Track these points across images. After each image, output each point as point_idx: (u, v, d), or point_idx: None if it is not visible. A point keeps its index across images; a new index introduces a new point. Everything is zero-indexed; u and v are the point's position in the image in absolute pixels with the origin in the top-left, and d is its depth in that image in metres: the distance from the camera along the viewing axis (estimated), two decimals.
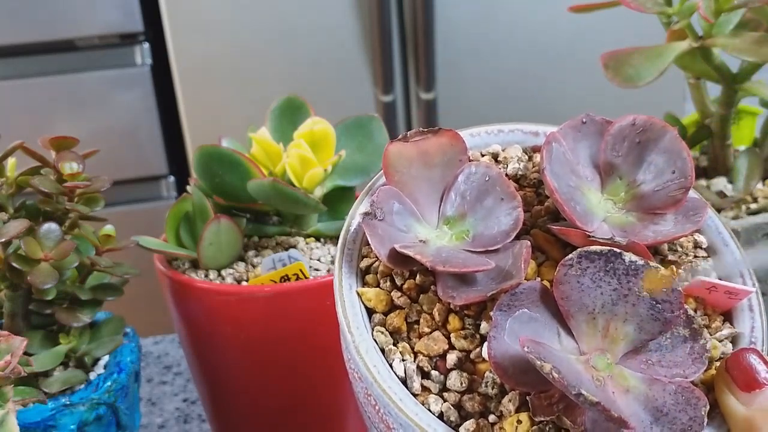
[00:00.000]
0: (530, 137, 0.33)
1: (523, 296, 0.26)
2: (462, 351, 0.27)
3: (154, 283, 0.47)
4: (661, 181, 0.29)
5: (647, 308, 0.25)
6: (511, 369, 0.25)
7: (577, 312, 0.26)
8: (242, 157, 0.45)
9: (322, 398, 0.46)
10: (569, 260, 0.26)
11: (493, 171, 0.30)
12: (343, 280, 0.29)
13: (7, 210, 0.41)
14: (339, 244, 0.30)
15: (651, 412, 0.24)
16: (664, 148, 0.29)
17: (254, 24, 1.15)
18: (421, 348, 0.27)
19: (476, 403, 0.26)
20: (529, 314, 0.26)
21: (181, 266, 0.46)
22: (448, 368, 0.27)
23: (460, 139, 0.30)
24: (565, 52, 1.23)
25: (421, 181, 0.30)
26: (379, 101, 1.20)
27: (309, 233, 0.48)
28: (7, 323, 0.42)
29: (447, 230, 0.29)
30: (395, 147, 0.30)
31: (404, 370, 0.27)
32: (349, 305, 0.28)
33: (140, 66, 1.20)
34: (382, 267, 0.29)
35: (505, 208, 0.29)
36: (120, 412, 0.41)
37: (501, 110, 1.25)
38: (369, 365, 0.26)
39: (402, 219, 0.29)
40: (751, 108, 0.52)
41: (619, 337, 0.26)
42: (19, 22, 1.13)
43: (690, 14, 0.42)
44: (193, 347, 0.46)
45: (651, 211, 0.29)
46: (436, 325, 0.27)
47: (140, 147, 1.23)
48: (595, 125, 0.30)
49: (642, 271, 0.25)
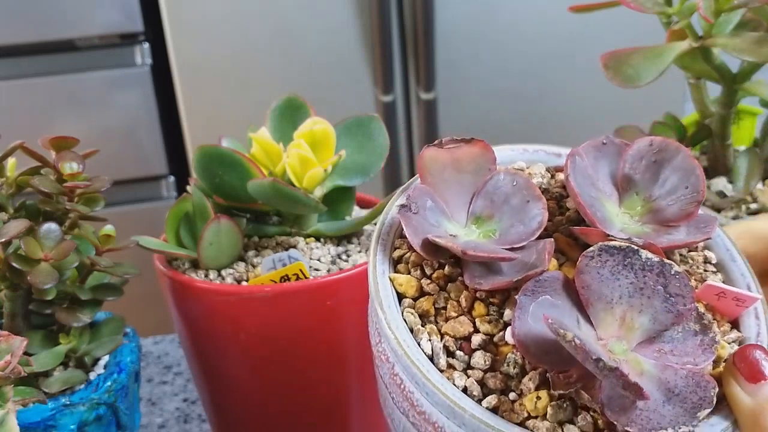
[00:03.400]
0: (553, 158, 0.36)
1: (546, 284, 0.28)
2: (486, 334, 0.28)
3: (154, 283, 0.47)
4: (675, 196, 0.31)
5: (661, 301, 0.28)
6: (533, 347, 0.26)
7: (596, 301, 0.27)
8: (242, 157, 0.45)
9: (323, 398, 0.46)
10: (591, 252, 0.28)
11: (520, 177, 0.32)
12: (377, 265, 0.30)
13: (7, 210, 0.42)
14: (375, 234, 0.32)
15: (664, 393, 0.26)
16: (678, 166, 0.32)
17: (254, 24, 1.15)
18: (448, 330, 0.29)
19: (498, 381, 0.27)
20: (551, 300, 0.27)
21: (181, 266, 0.47)
22: (473, 348, 0.28)
23: (489, 149, 0.33)
24: (566, 52, 1.23)
25: (453, 184, 0.32)
26: (379, 101, 1.20)
27: (309, 233, 0.48)
28: (7, 323, 0.42)
29: (475, 228, 0.31)
30: (430, 152, 0.32)
31: (431, 348, 0.28)
32: (382, 287, 0.30)
33: (140, 66, 1.20)
34: (413, 257, 0.31)
35: (531, 208, 0.31)
36: (120, 412, 0.41)
37: (501, 110, 1.25)
38: (399, 339, 0.28)
39: (434, 215, 0.31)
40: (751, 108, 0.52)
41: (634, 326, 0.27)
42: (20, 22, 1.13)
43: (690, 14, 0.42)
44: (193, 347, 0.46)
45: (665, 223, 0.31)
46: (462, 311, 0.29)
47: (140, 147, 1.23)
48: (614, 146, 0.33)
49: (657, 268, 0.28)
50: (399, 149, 1.25)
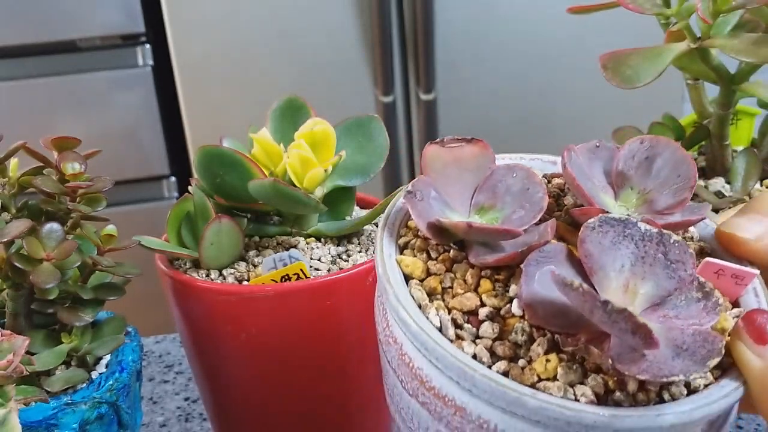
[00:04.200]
0: (549, 165, 0.37)
1: (550, 254, 0.29)
2: (493, 308, 0.29)
3: (155, 283, 0.47)
4: (668, 185, 0.33)
5: (663, 268, 0.29)
6: (540, 311, 0.27)
7: (599, 269, 0.28)
8: (243, 157, 0.45)
9: (323, 397, 0.46)
10: (591, 223, 0.29)
11: (520, 168, 0.33)
12: (384, 248, 0.31)
13: (10, 210, 0.42)
14: (381, 221, 0.33)
15: (672, 349, 0.26)
16: (668, 158, 0.33)
17: (255, 25, 1.16)
18: (455, 305, 0.29)
19: (506, 348, 0.28)
20: (555, 270, 0.28)
21: (182, 266, 0.47)
22: (480, 320, 0.29)
23: (489, 149, 0.34)
24: (565, 53, 1.23)
25: (455, 181, 0.33)
26: (379, 102, 1.20)
27: (309, 233, 0.48)
28: (9, 323, 0.42)
29: (477, 218, 0.32)
30: (432, 149, 0.33)
31: (440, 321, 0.29)
32: (390, 268, 0.30)
33: (142, 67, 1.20)
34: (419, 243, 0.32)
35: (532, 194, 0.32)
36: (122, 411, 0.41)
37: (500, 111, 1.26)
38: (408, 310, 0.28)
39: (438, 204, 0.32)
40: (750, 108, 0.52)
41: (638, 292, 0.28)
42: (21, 23, 1.14)
43: (688, 15, 0.42)
44: (195, 346, 0.47)
45: (660, 212, 0.32)
46: (469, 288, 0.30)
47: (142, 147, 1.24)
48: (606, 150, 0.34)
49: (657, 237, 0.29)
50: (399, 150, 1.25)
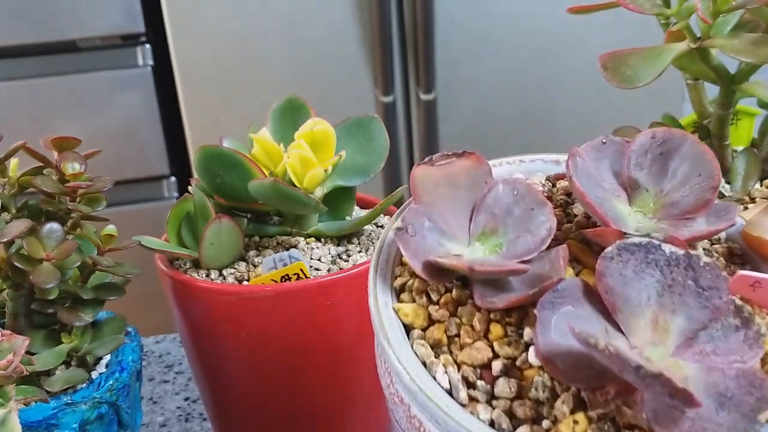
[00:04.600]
0: (552, 165, 0.34)
1: (565, 293, 0.25)
2: (507, 358, 0.26)
3: (155, 283, 0.47)
4: (689, 186, 0.29)
5: (694, 297, 0.25)
6: (561, 364, 0.24)
7: (623, 305, 0.25)
8: (243, 157, 0.45)
9: (323, 397, 0.46)
10: (609, 252, 0.25)
11: (520, 184, 0.30)
12: (379, 297, 0.28)
13: (10, 210, 0.42)
14: (372, 264, 0.30)
15: (714, 398, 0.23)
16: (686, 155, 0.30)
17: (255, 25, 1.16)
18: (465, 358, 0.26)
19: (528, 409, 0.25)
20: (573, 311, 0.25)
21: (182, 266, 0.47)
22: (494, 376, 0.26)
23: (484, 161, 0.31)
24: (565, 53, 1.23)
25: (449, 202, 0.30)
26: (379, 102, 1.20)
27: (309, 233, 0.48)
28: (9, 323, 0.42)
29: (479, 245, 0.29)
30: (421, 170, 0.30)
31: (449, 381, 0.26)
32: (387, 320, 0.27)
33: (142, 67, 1.20)
34: (417, 284, 0.29)
35: (537, 216, 0.29)
36: (122, 411, 0.41)
37: (500, 111, 1.26)
38: (412, 375, 0.25)
39: (433, 236, 0.29)
40: (749, 108, 0.52)
41: (669, 328, 0.25)
42: (21, 23, 1.14)
43: (688, 15, 0.42)
44: (195, 346, 0.47)
45: (682, 216, 0.29)
46: (478, 336, 0.27)
47: (142, 147, 1.24)
48: (614, 145, 0.31)
49: (684, 261, 0.25)
50: (399, 150, 1.25)
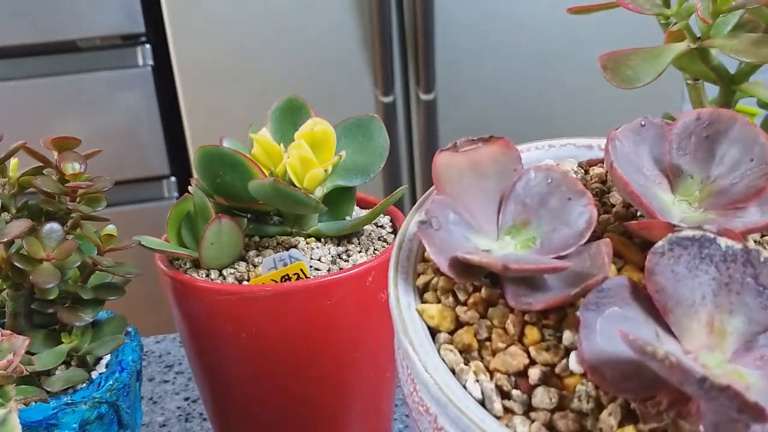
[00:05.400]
0: (584, 150, 0.32)
1: (611, 293, 0.23)
2: (545, 365, 0.24)
3: (155, 283, 0.47)
4: (739, 173, 0.27)
5: (754, 296, 0.23)
6: (609, 373, 0.22)
7: (675, 306, 0.23)
8: (243, 157, 0.45)
9: (323, 397, 0.46)
10: (660, 248, 0.23)
11: (555, 172, 0.27)
12: (401, 298, 0.26)
13: (10, 210, 0.42)
14: (391, 261, 0.27)
15: None
16: (736, 138, 0.27)
17: (255, 25, 1.16)
18: (498, 365, 0.24)
19: (570, 421, 0.22)
20: (621, 312, 0.23)
21: (182, 266, 0.47)
22: (532, 385, 0.23)
23: (513, 147, 0.28)
24: (565, 53, 1.23)
25: (475, 192, 0.28)
26: (379, 102, 1.20)
27: (309, 233, 0.48)
28: (9, 322, 0.42)
29: (510, 239, 0.27)
30: (444, 157, 0.28)
31: (481, 391, 0.23)
32: (410, 323, 0.25)
33: (142, 67, 1.20)
34: (442, 282, 0.26)
35: (575, 206, 0.26)
36: (122, 411, 0.41)
37: (501, 111, 1.26)
38: (441, 385, 0.23)
39: (459, 229, 0.26)
40: (749, 108, 0.52)
41: (726, 331, 0.23)
42: (22, 23, 1.14)
43: (688, 15, 0.42)
44: (195, 346, 0.47)
45: (731, 206, 0.26)
46: (512, 340, 0.24)
47: (142, 147, 1.24)
48: (654, 128, 0.29)
49: (742, 256, 0.23)
50: (399, 150, 1.25)
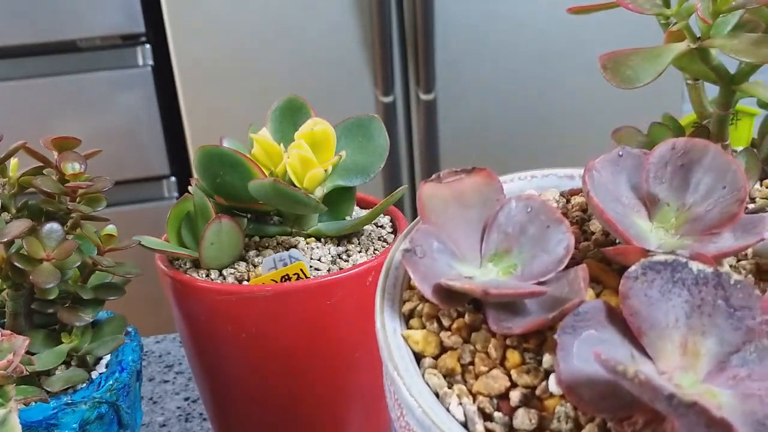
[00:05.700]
0: (566, 180, 0.33)
1: (588, 316, 0.24)
2: (526, 387, 0.25)
3: (155, 283, 0.47)
4: (713, 200, 0.28)
5: (726, 317, 0.23)
6: (586, 393, 0.22)
7: (649, 328, 0.24)
8: (243, 157, 0.45)
9: (323, 397, 0.46)
10: (633, 272, 0.24)
11: (535, 201, 0.28)
12: (387, 324, 0.27)
13: (10, 210, 0.42)
14: (378, 288, 0.28)
15: (752, 427, 0.21)
16: (709, 166, 0.28)
17: (255, 25, 1.16)
18: (480, 388, 0.25)
19: None
20: (597, 335, 0.23)
21: (182, 266, 0.47)
22: (513, 407, 0.24)
23: (495, 178, 0.29)
24: (565, 53, 1.23)
25: (459, 221, 0.29)
26: (379, 102, 1.20)
27: (309, 233, 0.48)
28: (9, 322, 0.42)
29: (492, 266, 0.28)
30: (428, 188, 0.29)
31: (464, 414, 0.24)
32: (395, 349, 0.26)
33: (142, 67, 1.20)
34: (427, 309, 0.27)
35: (553, 234, 0.27)
36: (122, 411, 0.41)
37: (500, 111, 1.26)
38: (425, 408, 0.24)
39: (443, 257, 0.27)
40: (749, 108, 0.52)
41: (699, 352, 0.23)
42: (22, 23, 1.14)
43: (688, 15, 0.42)
44: (195, 346, 0.47)
45: (706, 232, 0.27)
46: (494, 363, 0.25)
47: (142, 147, 1.24)
48: (632, 158, 0.29)
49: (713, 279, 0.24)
50: (399, 150, 1.25)
